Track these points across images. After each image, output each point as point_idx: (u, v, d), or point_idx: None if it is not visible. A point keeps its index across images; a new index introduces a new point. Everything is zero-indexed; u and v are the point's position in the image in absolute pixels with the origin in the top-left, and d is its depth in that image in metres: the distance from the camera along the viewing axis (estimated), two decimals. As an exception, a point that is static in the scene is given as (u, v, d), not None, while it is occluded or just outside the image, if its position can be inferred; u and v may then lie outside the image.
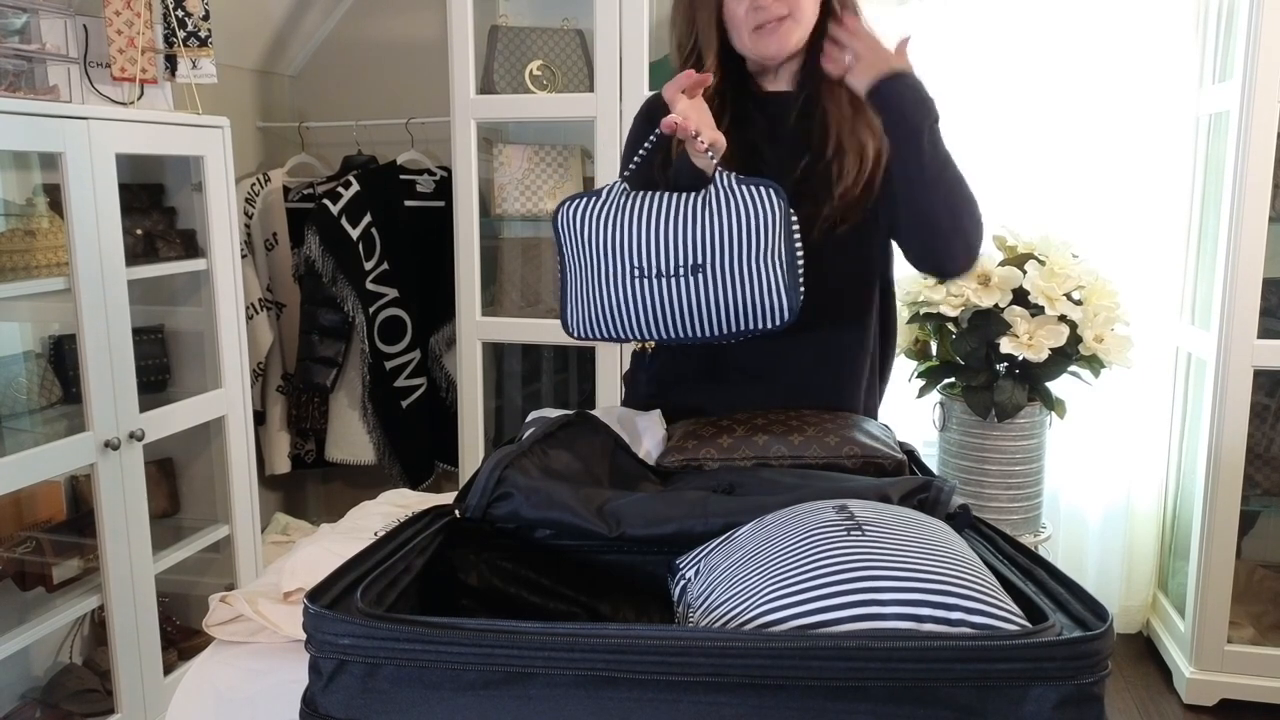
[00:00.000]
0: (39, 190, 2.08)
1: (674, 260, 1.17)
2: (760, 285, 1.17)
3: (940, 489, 0.99)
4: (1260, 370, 2.32)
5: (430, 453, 3.09)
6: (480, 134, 2.66)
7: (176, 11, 2.20)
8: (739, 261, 1.17)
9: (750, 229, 1.16)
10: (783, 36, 1.32)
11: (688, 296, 1.18)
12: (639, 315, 1.20)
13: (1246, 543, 2.59)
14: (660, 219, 1.18)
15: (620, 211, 1.20)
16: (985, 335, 2.32)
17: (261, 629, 0.95)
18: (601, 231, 1.20)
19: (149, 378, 2.31)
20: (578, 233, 1.22)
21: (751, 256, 1.17)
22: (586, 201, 1.23)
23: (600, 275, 1.21)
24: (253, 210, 2.92)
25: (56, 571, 2.05)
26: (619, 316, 1.21)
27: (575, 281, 1.25)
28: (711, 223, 1.16)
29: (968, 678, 0.65)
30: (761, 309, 1.18)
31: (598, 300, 1.22)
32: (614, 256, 1.19)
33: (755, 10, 1.31)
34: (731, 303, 1.18)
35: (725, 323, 1.19)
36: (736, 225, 1.16)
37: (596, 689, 0.68)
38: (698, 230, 1.16)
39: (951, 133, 1.31)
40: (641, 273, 1.18)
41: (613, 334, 1.23)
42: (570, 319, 1.27)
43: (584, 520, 0.96)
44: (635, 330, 1.22)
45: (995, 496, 2.39)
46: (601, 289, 1.21)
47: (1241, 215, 2.25)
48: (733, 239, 1.16)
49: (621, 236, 1.19)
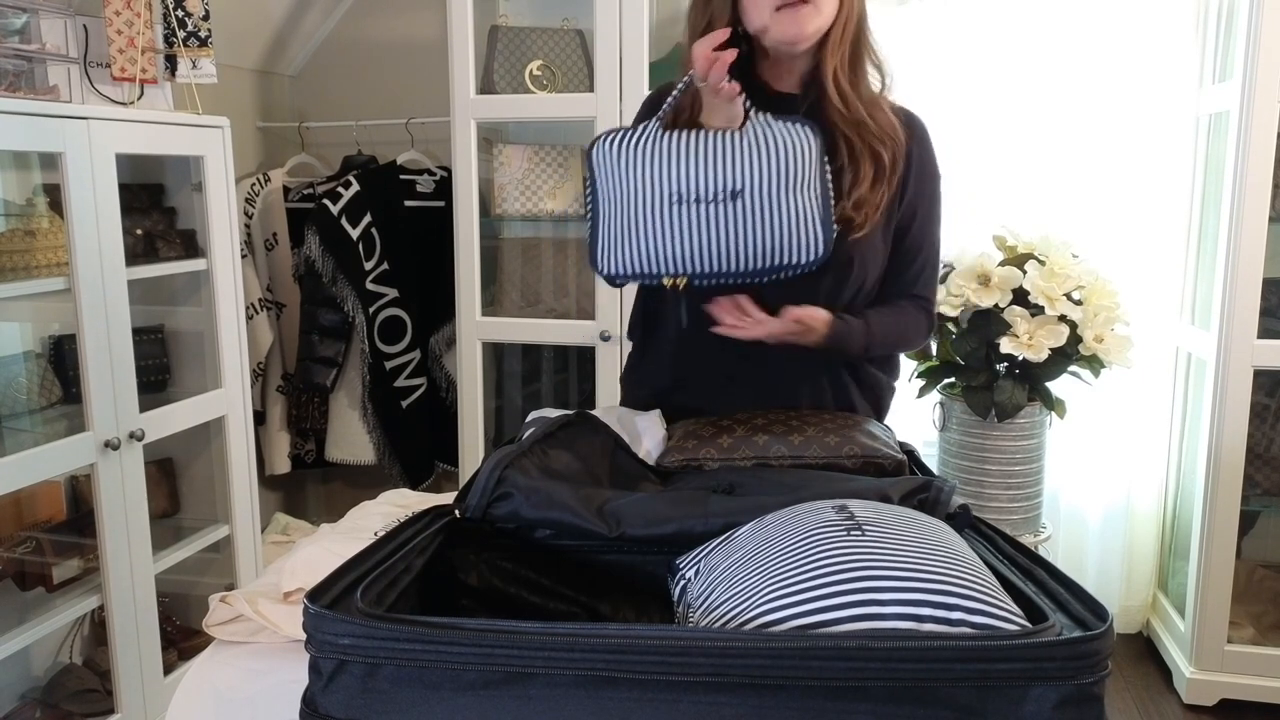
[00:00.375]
0: (39, 190, 2.08)
1: (713, 185, 1.18)
2: (796, 216, 1.19)
3: (940, 489, 0.99)
4: (1260, 370, 2.32)
5: (430, 453, 3.09)
6: (480, 134, 2.66)
7: (176, 11, 2.20)
8: (777, 190, 1.19)
9: (787, 159, 1.19)
10: (804, 20, 1.29)
11: (727, 224, 1.18)
12: (676, 246, 1.20)
13: (1246, 543, 2.58)
14: (700, 148, 1.19)
15: (659, 142, 1.21)
16: (985, 335, 2.32)
17: (261, 629, 0.95)
18: (640, 161, 1.21)
19: (149, 378, 2.31)
20: (615, 164, 1.23)
21: (788, 187, 1.19)
22: (623, 135, 1.23)
23: (637, 205, 1.21)
24: (253, 210, 2.92)
25: (56, 571, 2.05)
26: (654, 248, 1.21)
27: (609, 216, 1.24)
28: (750, 151, 1.18)
29: (968, 678, 0.65)
30: (797, 241, 1.20)
31: (633, 233, 1.22)
32: (653, 184, 1.20)
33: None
34: (768, 233, 1.19)
35: (761, 255, 1.20)
36: (774, 154, 1.18)
37: (596, 689, 0.68)
38: (737, 157, 1.18)
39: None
40: (680, 198, 1.19)
41: (647, 269, 1.22)
42: (602, 257, 1.25)
43: (584, 520, 0.96)
44: (671, 263, 1.21)
45: (995, 496, 2.39)
46: (637, 220, 1.21)
47: (1241, 215, 2.25)
48: (771, 167, 1.18)
49: (661, 164, 1.20)
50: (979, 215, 2.59)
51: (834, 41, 1.34)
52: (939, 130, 1.49)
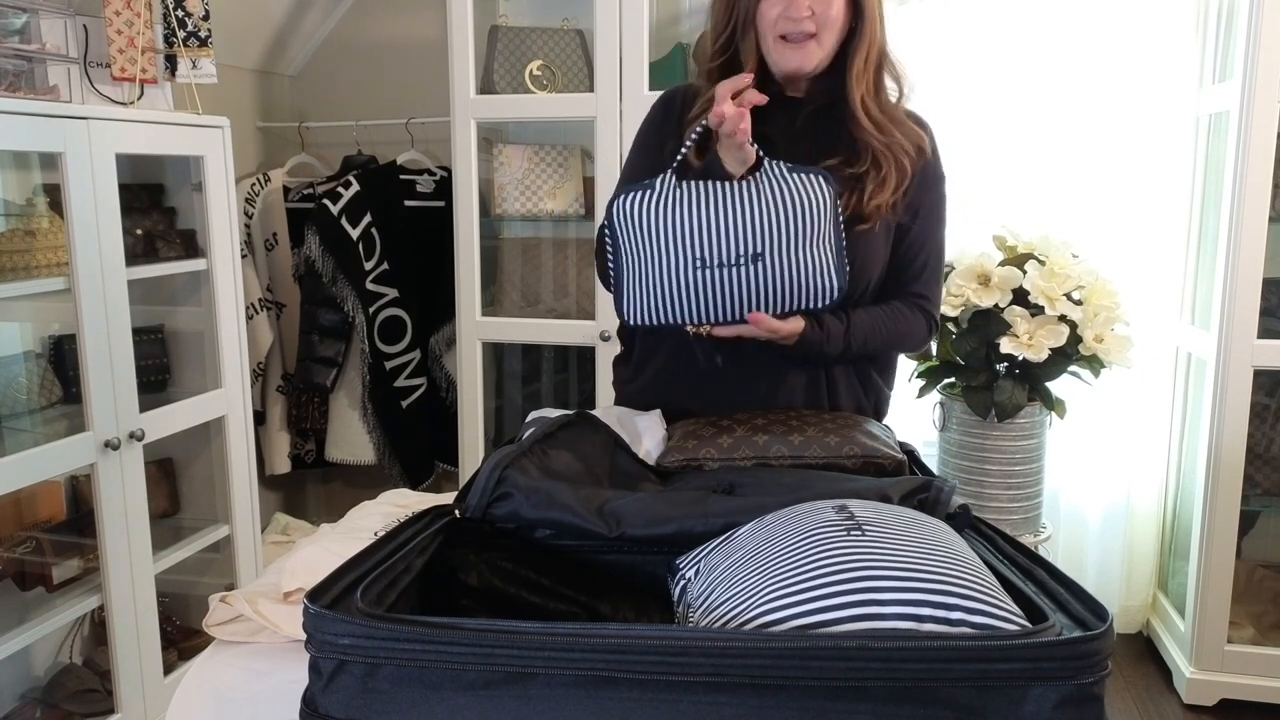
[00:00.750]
0: (39, 190, 2.08)
1: (736, 250, 1.22)
2: (813, 269, 1.24)
3: (940, 489, 0.99)
4: (1260, 370, 2.32)
5: (430, 453, 3.09)
6: (480, 134, 2.66)
7: (176, 11, 2.20)
8: (795, 248, 1.23)
9: (805, 216, 1.23)
10: (806, 54, 1.34)
11: (748, 283, 1.23)
12: (700, 303, 1.25)
13: (1246, 543, 2.58)
14: (721, 210, 1.22)
15: (679, 204, 1.24)
16: (985, 335, 2.32)
17: (261, 629, 0.95)
18: (662, 224, 1.24)
19: (149, 378, 2.31)
20: (637, 226, 1.26)
21: (806, 242, 1.23)
22: (642, 195, 1.26)
23: (661, 266, 1.25)
24: (253, 210, 2.92)
25: (56, 571, 2.05)
26: (680, 304, 1.25)
27: (634, 272, 1.28)
28: (769, 211, 1.22)
29: (968, 678, 0.65)
30: (813, 290, 1.25)
31: (659, 290, 1.26)
32: (676, 248, 1.23)
33: (786, 20, 1.32)
34: (787, 286, 1.24)
35: (780, 304, 1.26)
36: (792, 212, 1.22)
37: (596, 689, 0.68)
38: (759, 220, 1.22)
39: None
40: (704, 263, 1.23)
41: (674, 321, 1.27)
42: (628, 308, 1.29)
43: (584, 520, 0.96)
44: (695, 316, 1.26)
45: (995, 496, 2.39)
46: (662, 279, 1.25)
47: (1241, 215, 2.25)
48: (789, 227, 1.22)
49: (683, 229, 1.23)
50: (979, 215, 2.58)
51: (857, 70, 1.36)
52: (939, 130, 1.49)
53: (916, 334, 1.46)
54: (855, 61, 1.36)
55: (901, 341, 1.47)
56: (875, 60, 1.38)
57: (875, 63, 1.38)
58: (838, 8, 1.32)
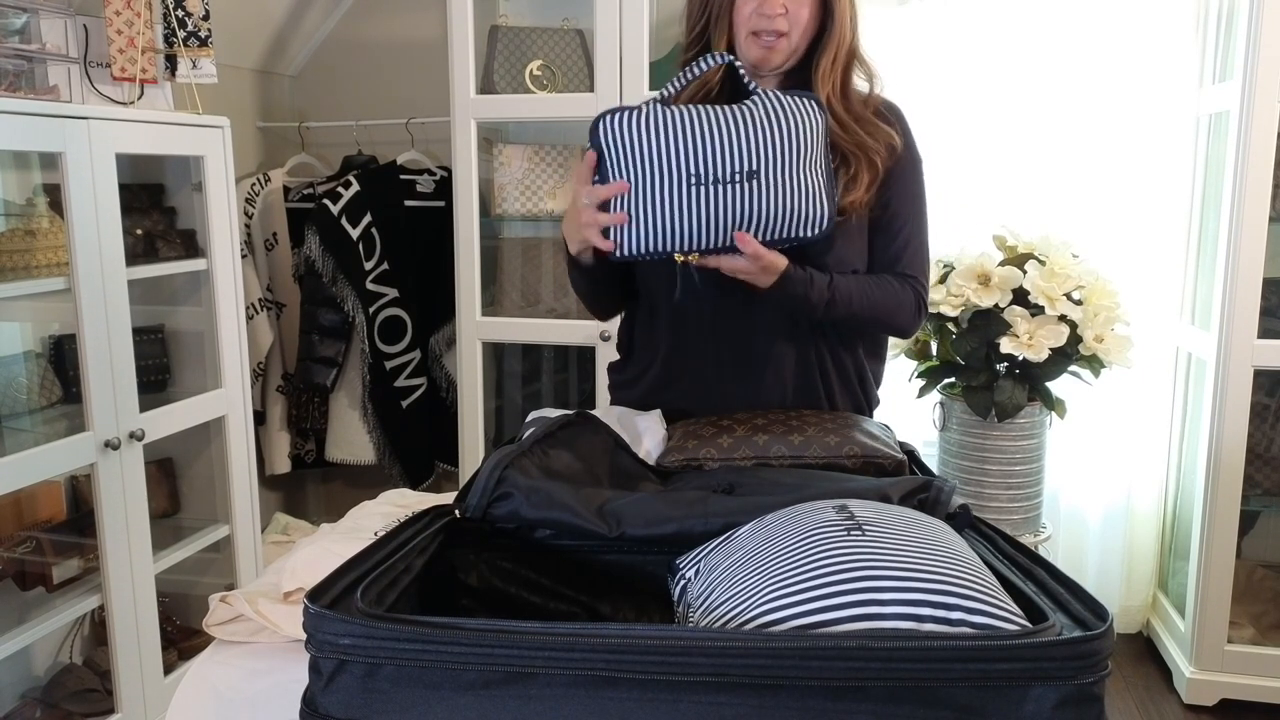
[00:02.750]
0: (39, 190, 2.08)
1: (732, 166, 1.20)
2: (806, 192, 1.23)
3: (940, 489, 0.99)
4: (1260, 370, 2.32)
5: (430, 453, 3.09)
6: (480, 134, 2.66)
7: (176, 11, 2.20)
8: (789, 168, 1.22)
9: (800, 135, 1.22)
10: (773, 52, 1.38)
11: (742, 203, 1.21)
12: (693, 225, 1.21)
13: (1246, 543, 2.59)
14: (716, 127, 1.20)
15: (670, 122, 1.20)
16: (985, 335, 2.32)
17: (261, 629, 0.95)
18: (655, 141, 1.20)
19: (149, 378, 2.31)
20: (626, 144, 1.21)
21: (800, 163, 1.22)
22: (629, 113, 1.21)
23: (653, 186, 1.20)
24: (253, 210, 2.93)
25: (56, 571, 2.05)
26: (673, 228, 1.21)
27: (626, 198, 1.22)
28: (766, 129, 1.21)
29: (968, 678, 0.65)
30: (806, 216, 1.24)
31: (650, 213, 1.21)
32: (670, 165, 1.20)
33: (760, 16, 1.35)
34: (781, 208, 1.22)
35: (773, 229, 1.23)
36: (788, 131, 1.21)
37: (596, 689, 0.68)
38: (755, 136, 1.20)
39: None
40: (699, 179, 1.19)
41: (665, 247, 1.23)
42: (617, 236, 1.24)
43: (584, 520, 0.96)
44: (687, 240, 1.22)
45: (995, 496, 2.39)
46: (655, 200, 1.21)
47: (1241, 215, 2.25)
48: (784, 145, 1.21)
49: (679, 144, 1.19)
50: (979, 215, 2.59)
51: (824, 70, 1.38)
52: (939, 130, 1.49)
53: (905, 307, 1.42)
54: (822, 61, 1.38)
55: (890, 314, 1.42)
56: (844, 60, 1.40)
57: (844, 63, 1.40)
58: (809, 8, 1.35)
